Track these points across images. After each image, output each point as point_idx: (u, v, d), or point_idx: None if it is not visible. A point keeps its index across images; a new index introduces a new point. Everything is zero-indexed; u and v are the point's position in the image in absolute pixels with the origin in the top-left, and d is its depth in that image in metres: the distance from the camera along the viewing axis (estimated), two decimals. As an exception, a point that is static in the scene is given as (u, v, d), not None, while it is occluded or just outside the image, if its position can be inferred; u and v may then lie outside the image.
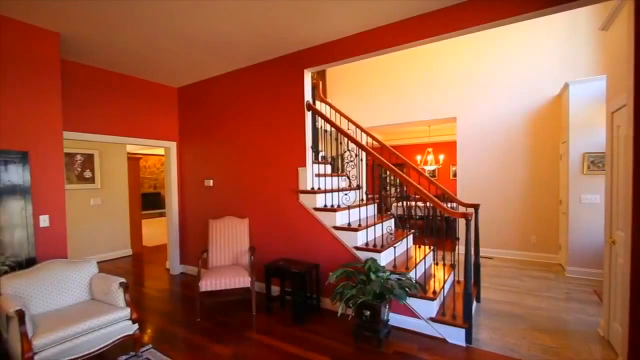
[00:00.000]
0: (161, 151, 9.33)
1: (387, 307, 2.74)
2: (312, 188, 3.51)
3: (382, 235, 3.35)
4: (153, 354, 2.61)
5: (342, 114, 4.42)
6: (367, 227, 3.27)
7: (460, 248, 4.94)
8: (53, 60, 3.03)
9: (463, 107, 5.47)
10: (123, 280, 2.64)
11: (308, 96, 3.55)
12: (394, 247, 3.13)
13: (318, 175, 3.58)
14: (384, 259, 3.13)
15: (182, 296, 4.00)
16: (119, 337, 2.47)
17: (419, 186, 2.87)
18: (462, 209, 3.40)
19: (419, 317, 2.87)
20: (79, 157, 5.52)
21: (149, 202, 11.56)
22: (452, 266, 2.96)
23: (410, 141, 10.49)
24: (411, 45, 3.01)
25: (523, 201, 5.13)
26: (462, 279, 3.44)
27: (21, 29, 2.83)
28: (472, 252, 2.89)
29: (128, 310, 2.53)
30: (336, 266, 3.28)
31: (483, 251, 5.05)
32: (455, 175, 10.18)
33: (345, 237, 3.27)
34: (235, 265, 3.68)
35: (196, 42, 3.33)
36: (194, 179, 4.74)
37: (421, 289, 2.82)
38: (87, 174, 5.62)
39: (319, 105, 4.36)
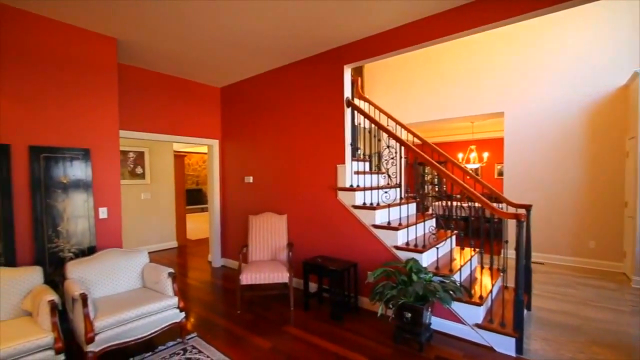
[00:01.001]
0: (204, 149, 9.77)
1: (430, 310, 2.64)
2: (351, 185, 3.47)
3: (424, 235, 3.23)
4: (198, 342, 2.74)
5: (381, 110, 4.32)
6: (407, 226, 3.17)
7: (509, 252, 4.63)
8: (111, 64, 3.26)
9: (511, 101, 5.11)
10: (172, 270, 2.79)
11: (347, 92, 3.51)
12: (437, 248, 3.00)
13: (357, 172, 3.53)
14: (426, 259, 3.01)
15: (223, 288, 4.15)
16: (168, 324, 2.61)
17: (465, 185, 2.72)
18: (511, 210, 3.18)
19: (464, 322, 2.73)
20: (131, 154, 5.93)
21: (191, 197, 12.17)
22: (501, 270, 2.78)
23: (452, 138, 10.04)
24: (457, 37, 2.86)
25: (580, 203, 4.69)
26: (511, 284, 3.22)
27: (83, 36, 3.08)
28: (524, 257, 2.69)
29: (176, 299, 2.67)
30: (375, 265, 3.22)
31: (533, 256, 4.70)
32: (500, 174, 9.60)
33: (384, 236, 3.19)
34: (274, 260, 3.75)
35: (238, 42, 3.42)
36: (235, 176, 4.90)
37: (466, 293, 2.68)
38: (139, 170, 6.04)
39: (357, 102, 4.31)
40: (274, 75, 4.26)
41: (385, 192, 3.27)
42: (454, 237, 3.73)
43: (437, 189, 9.30)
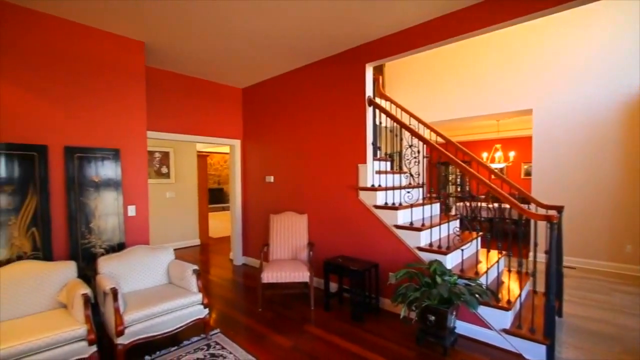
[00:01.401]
0: (225, 149, 9.96)
1: (454, 313, 2.56)
2: (372, 185, 3.43)
3: (448, 236, 3.14)
4: (221, 338, 2.79)
5: (403, 109, 4.24)
6: (430, 227, 3.10)
7: (536, 255, 4.44)
8: (139, 67, 3.38)
9: (541, 98, 4.90)
10: (196, 267, 2.85)
11: (369, 91, 3.48)
12: (462, 250, 2.91)
13: (379, 172, 3.49)
14: (450, 261, 2.94)
15: (244, 286, 4.22)
16: (192, 319, 2.68)
17: (493, 185, 2.63)
18: (541, 211, 3.04)
19: (490, 327, 2.64)
20: (157, 154, 6.13)
21: (213, 196, 12.45)
22: (531, 274, 2.67)
23: (476, 137, 9.75)
24: (484, 32, 2.76)
25: (615, 204, 4.43)
26: (540, 289, 3.08)
27: (114, 40, 3.21)
28: (555, 260, 2.56)
29: (200, 295, 2.73)
30: (396, 266, 3.17)
31: (564, 260, 4.48)
32: (527, 174, 9.23)
33: (407, 237, 3.13)
34: (295, 259, 3.76)
35: (259, 42, 3.45)
36: (256, 175, 4.96)
37: (493, 297, 2.59)
38: (164, 169, 6.23)
39: (378, 101, 4.25)
40: (294, 75, 4.28)
41: (408, 192, 3.20)
42: (479, 239, 3.62)
43: (459, 189, 9.06)
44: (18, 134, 2.68)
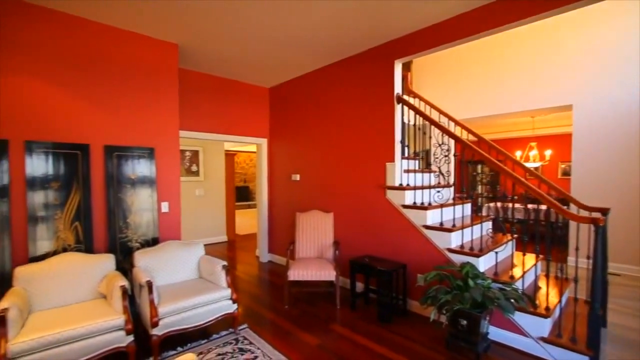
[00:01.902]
0: (252, 148, 10.14)
1: (488, 318, 2.46)
2: (401, 184, 3.36)
3: (481, 238, 3.02)
4: (248, 334, 2.84)
5: (432, 106, 4.13)
6: (462, 228, 2.99)
7: (578, 260, 4.18)
8: (173, 68, 3.50)
9: (582, 92, 4.59)
10: (225, 263, 2.92)
11: (398, 88, 3.40)
12: (495, 253, 2.79)
13: (407, 171, 3.41)
14: (483, 264, 2.82)
15: (270, 283, 4.27)
16: (222, 314, 2.74)
17: (531, 185, 2.50)
18: (583, 214, 2.85)
19: (527, 334, 2.51)
20: (187, 153, 6.34)
21: (239, 194, 12.72)
22: (573, 280, 2.50)
23: (509, 135, 9.32)
24: (519, 24, 2.62)
25: (669, 208, 4.08)
26: (581, 296, 2.89)
27: (149, 43, 3.33)
28: (600, 266, 2.39)
29: (229, 290, 2.79)
30: (425, 268, 3.09)
31: (608, 266, 4.18)
32: (565, 173, 8.71)
33: (436, 238, 3.04)
34: (320, 258, 3.76)
35: (287, 41, 3.47)
36: (282, 174, 5.01)
37: (530, 303, 2.46)
38: (194, 167, 6.44)
39: (405, 98, 4.15)
40: (321, 74, 4.27)
41: (438, 192, 3.11)
42: (513, 242, 3.45)
43: (490, 189, 8.70)
44: (63, 133, 2.85)
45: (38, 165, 2.71)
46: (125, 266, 3.09)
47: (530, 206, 4.63)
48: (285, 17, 2.96)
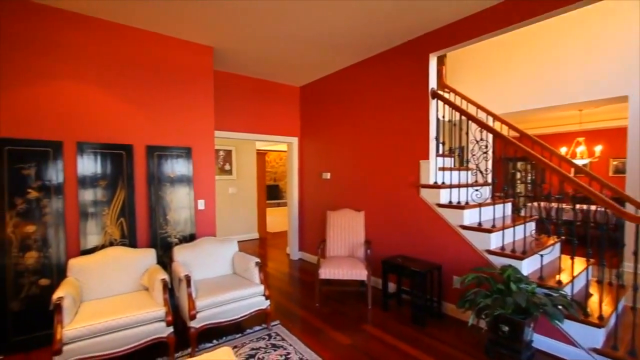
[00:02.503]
0: (282, 147, 10.28)
1: (532, 325, 2.31)
2: (436, 182, 3.25)
3: (524, 239, 2.84)
4: (281, 330, 2.87)
5: (468, 100, 3.94)
6: (502, 228, 2.82)
7: (637, 265, 3.81)
8: (208, 70, 3.62)
9: (638, 82, 4.16)
10: (258, 260, 2.97)
11: (433, 83, 3.28)
12: (541, 255, 2.61)
13: (442, 169, 3.28)
14: (526, 267, 2.65)
15: (301, 280, 4.30)
16: (255, 309, 2.80)
17: (583, 184, 2.30)
18: (644, 215, 2.58)
19: (576, 345, 2.32)
20: (221, 152, 6.55)
21: (269, 193, 12.95)
22: (634, 288, 2.28)
23: (553, 130, 8.71)
24: (564, 11, 2.42)
25: None
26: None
27: (186, 47, 3.47)
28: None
29: (262, 287, 2.84)
30: (461, 269, 2.96)
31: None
32: (618, 171, 8.00)
33: (474, 239, 2.90)
34: (351, 257, 3.73)
35: (319, 39, 3.46)
36: (313, 172, 5.03)
37: (581, 311, 2.28)
38: (227, 166, 6.64)
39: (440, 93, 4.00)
40: (352, 71, 4.23)
41: (476, 190, 2.96)
42: (559, 244, 3.21)
43: (531, 188, 8.17)
44: (109, 134, 3.04)
45: (88, 164, 2.92)
46: (165, 260, 3.24)
47: (580, 206, 4.28)
48: (320, 14, 2.94)
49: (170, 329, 2.38)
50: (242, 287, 2.75)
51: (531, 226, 3.32)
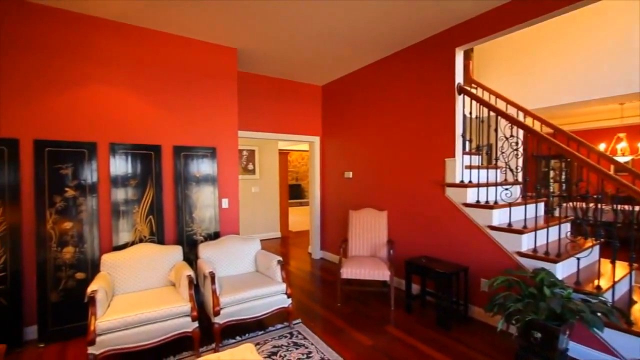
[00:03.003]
0: (303, 146, 10.32)
1: (567, 333, 2.17)
2: (462, 181, 3.13)
3: (559, 241, 2.67)
4: (302, 328, 2.87)
5: (497, 95, 3.77)
6: (535, 229, 2.67)
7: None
8: (232, 71, 3.69)
9: (692, 72, 3.82)
10: (280, 258, 2.99)
11: (459, 78, 3.17)
12: (577, 259, 2.45)
13: (469, 167, 3.16)
14: (561, 271, 2.50)
15: (322, 279, 4.30)
16: (277, 307, 2.81)
17: (629, 183, 2.14)
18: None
19: (618, 355, 2.16)
20: (244, 152, 6.67)
21: (291, 192, 13.06)
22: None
23: (589, 125, 8.18)
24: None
25: None
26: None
27: (211, 49, 3.55)
28: None
29: (284, 285, 2.86)
30: (490, 272, 2.84)
31: None
32: (664, 170, 7.40)
33: (504, 240, 2.78)
34: (374, 257, 3.68)
35: (342, 38, 3.43)
36: (335, 171, 5.01)
37: (624, 319, 2.12)
38: (250, 166, 6.76)
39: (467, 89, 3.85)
40: (374, 69, 4.17)
41: (506, 189, 2.82)
42: (598, 247, 3.01)
43: (565, 187, 7.72)
44: (139, 135, 3.17)
45: (119, 164, 3.05)
46: (191, 257, 3.34)
47: (621, 207, 3.98)
48: (344, 11, 2.91)
49: (196, 324, 2.44)
50: (264, 285, 2.77)
51: (566, 227, 3.12)
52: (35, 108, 2.75)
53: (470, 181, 3.11)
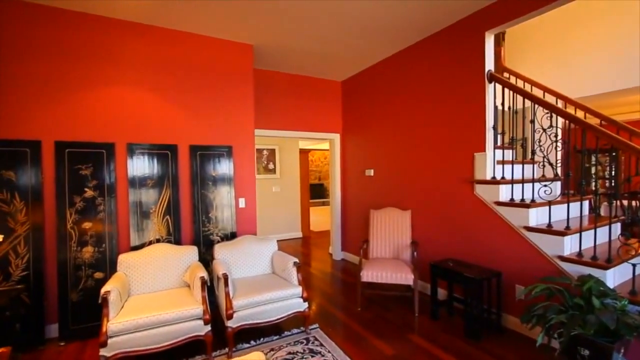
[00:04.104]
0: (325, 145, 10.19)
1: (622, 351, 1.87)
2: (494, 177, 2.86)
3: (609, 244, 2.34)
4: (319, 334, 2.73)
5: (534, 83, 3.43)
6: (579, 230, 2.36)
7: None
8: (248, 68, 3.61)
9: None
10: (296, 260, 2.87)
11: (490, 65, 2.89)
12: (633, 265, 2.13)
13: (502, 162, 2.88)
14: (612, 279, 2.19)
15: (343, 281, 4.13)
16: (293, 311, 2.69)
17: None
18: None
19: (687, 379, 1.84)
20: (265, 151, 6.64)
21: (314, 191, 12.97)
22: None
23: (634, 116, 7.41)
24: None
25: None
26: None
27: (226, 46, 3.49)
28: None
29: (300, 288, 2.72)
30: (527, 278, 2.56)
31: None
32: None
33: (542, 242, 2.48)
34: (396, 259, 3.47)
35: (362, 27, 3.25)
36: (355, 169, 4.82)
37: (694, 338, 1.79)
38: (270, 165, 6.71)
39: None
40: (396, 60, 3.94)
41: (545, 186, 2.52)
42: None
43: (614, 183, 7.01)
44: (156, 135, 3.16)
45: (137, 165, 3.05)
46: (207, 258, 3.29)
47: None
48: (362, 1, 2.74)
49: (208, 328, 2.36)
50: (279, 288, 2.66)
51: (616, 229, 2.77)
52: (56, 110, 2.79)
53: (502, 177, 2.83)
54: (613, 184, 6.53)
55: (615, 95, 4.35)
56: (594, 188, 4.21)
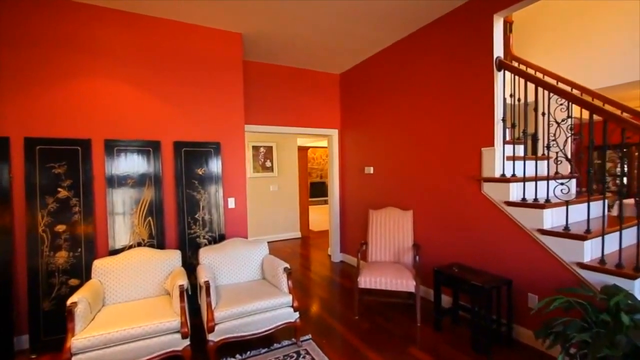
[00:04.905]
0: (324, 143, 9.93)
1: (657, 376, 1.62)
2: (503, 175, 2.60)
3: (638, 248, 2.08)
4: (311, 347, 2.50)
5: (547, 73, 3.15)
6: (602, 234, 2.10)
7: None
8: (237, 59, 3.37)
9: None
10: (287, 265, 2.63)
11: (499, 52, 2.62)
12: (665, 275, 1.87)
13: (513, 158, 2.61)
14: (640, 290, 1.92)
15: (340, 286, 3.89)
16: (282, 322, 2.46)
17: None
18: None
19: None
20: (262, 149, 6.40)
21: (316, 190, 12.74)
22: None
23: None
24: None
25: None
26: None
27: (213, 35, 3.25)
28: None
29: (290, 297, 2.49)
30: (541, 286, 2.31)
31: None
32: None
33: (559, 247, 2.23)
34: (397, 263, 3.22)
35: (360, 12, 2.99)
36: (354, 166, 4.57)
37: None
38: (268, 163, 6.47)
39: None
40: (397, 50, 3.67)
41: (561, 184, 2.26)
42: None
43: (622, 182, 6.66)
44: (137, 131, 2.94)
45: (115, 162, 2.84)
46: (193, 262, 3.07)
47: None
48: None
49: (187, 342, 2.14)
50: (267, 297, 2.42)
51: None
52: (25, 103, 2.58)
53: (513, 175, 2.57)
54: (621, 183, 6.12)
55: (627, 87, 4.00)
56: (613, 187, 3.91)
